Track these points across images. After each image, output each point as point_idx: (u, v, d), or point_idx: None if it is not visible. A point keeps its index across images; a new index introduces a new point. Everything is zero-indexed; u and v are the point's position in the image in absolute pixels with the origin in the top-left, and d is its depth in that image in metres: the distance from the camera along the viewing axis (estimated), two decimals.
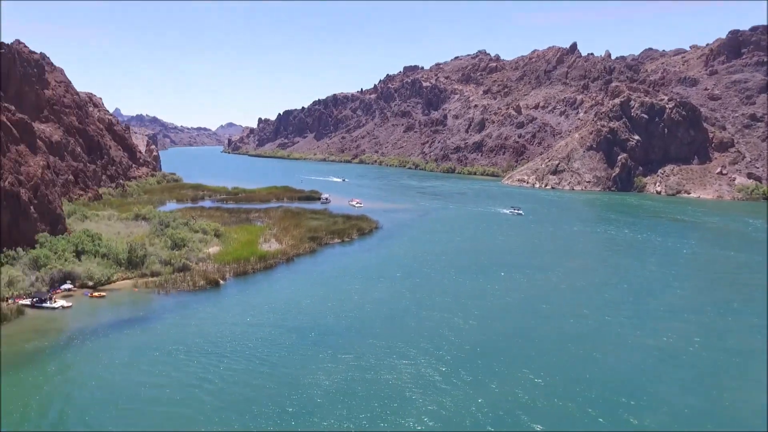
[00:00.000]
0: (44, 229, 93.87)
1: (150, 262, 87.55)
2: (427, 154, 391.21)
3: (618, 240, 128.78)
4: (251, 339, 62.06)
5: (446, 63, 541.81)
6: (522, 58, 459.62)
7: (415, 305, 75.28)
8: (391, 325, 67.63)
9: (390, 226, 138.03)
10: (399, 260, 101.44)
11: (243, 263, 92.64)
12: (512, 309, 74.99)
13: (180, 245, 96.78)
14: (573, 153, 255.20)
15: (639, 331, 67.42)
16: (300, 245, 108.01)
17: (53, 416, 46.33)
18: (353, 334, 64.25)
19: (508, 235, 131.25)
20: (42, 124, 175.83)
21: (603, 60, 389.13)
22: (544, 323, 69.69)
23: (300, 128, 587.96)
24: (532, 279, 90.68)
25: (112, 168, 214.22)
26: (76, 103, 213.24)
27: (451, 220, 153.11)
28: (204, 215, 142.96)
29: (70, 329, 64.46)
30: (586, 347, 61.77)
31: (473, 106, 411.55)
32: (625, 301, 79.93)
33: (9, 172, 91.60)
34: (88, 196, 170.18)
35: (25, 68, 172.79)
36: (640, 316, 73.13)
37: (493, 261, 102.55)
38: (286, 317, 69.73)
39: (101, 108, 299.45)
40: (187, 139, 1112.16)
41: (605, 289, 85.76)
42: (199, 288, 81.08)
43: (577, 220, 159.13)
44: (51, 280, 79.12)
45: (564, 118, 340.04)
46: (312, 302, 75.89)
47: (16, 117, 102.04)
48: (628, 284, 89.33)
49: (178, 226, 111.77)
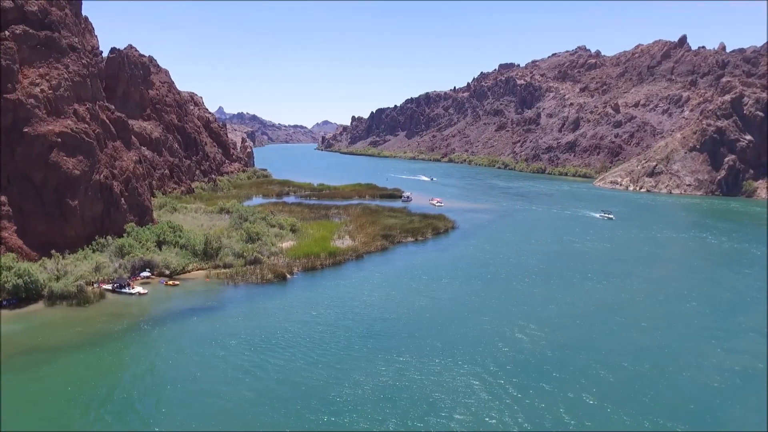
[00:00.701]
0: (133, 219, 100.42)
1: (224, 254, 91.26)
2: (517, 154, 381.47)
3: (712, 249, 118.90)
4: (306, 335, 62.88)
5: (542, 60, 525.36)
6: (624, 54, 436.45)
7: (477, 310, 73.19)
8: (449, 329, 66.11)
9: (467, 226, 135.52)
10: (470, 262, 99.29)
11: (313, 258, 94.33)
12: (581, 318, 71.03)
13: (254, 239, 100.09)
14: (673, 154, 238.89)
15: (719, 350, 61.65)
16: (372, 243, 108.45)
17: (94, 397, 49.07)
18: (409, 337, 63.41)
19: (591, 239, 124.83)
20: (144, 122, 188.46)
21: (715, 53, 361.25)
22: (611, 336, 65.39)
23: (392, 126, 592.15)
24: (610, 287, 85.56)
25: (206, 163, 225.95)
26: (177, 102, 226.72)
27: (533, 222, 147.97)
28: (285, 210, 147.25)
29: (143, 315, 68.33)
30: (653, 365, 57.24)
31: (568, 105, 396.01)
32: (708, 316, 73.44)
33: (105, 166, 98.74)
34: (181, 189, 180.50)
35: (132, 71, 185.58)
36: (723, 334, 66.88)
37: (569, 266, 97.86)
38: (346, 315, 70.08)
39: (201, 106, 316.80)
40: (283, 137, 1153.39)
41: (687, 301, 79.26)
42: (267, 281, 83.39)
43: (670, 225, 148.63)
44: (132, 267, 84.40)
45: (667, 116, 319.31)
46: (374, 301, 75.84)
47: (115, 115, 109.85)
48: (714, 297, 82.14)
49: (255, 220, 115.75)
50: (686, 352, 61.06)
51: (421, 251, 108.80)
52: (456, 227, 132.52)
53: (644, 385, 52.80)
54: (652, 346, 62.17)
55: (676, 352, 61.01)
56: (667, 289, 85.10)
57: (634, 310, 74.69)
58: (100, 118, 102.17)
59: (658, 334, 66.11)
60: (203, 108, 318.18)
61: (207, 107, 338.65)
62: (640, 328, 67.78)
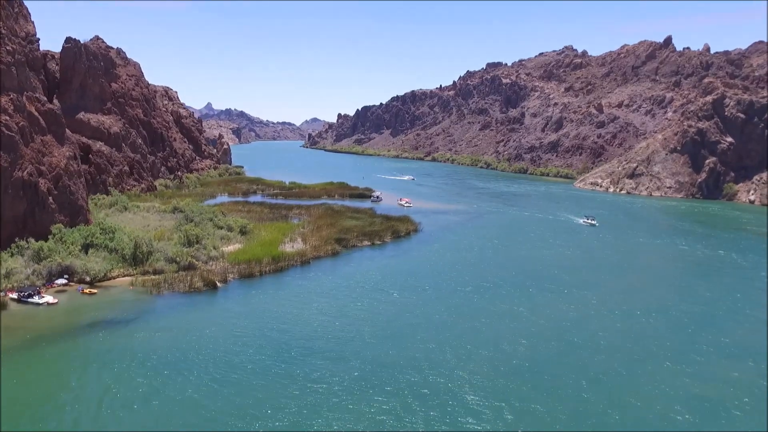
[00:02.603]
0: (63, 220, 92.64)
1: (154, 259, 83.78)
2: (500, 153, 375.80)
3: (688, 256, 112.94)
4: (213, 356, 55.66)
5: (529, 59, 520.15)
6: (609, 54, 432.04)
7: (417, 326, 66.28)
8: (375, 350, 59.15)
9: (433, 229, 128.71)
10: (425, 270, 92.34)
11: (253, 264, 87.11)
12: (534, 337, 64.32)
13: (193, 242, 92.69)
14: (654, 155, 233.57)
15: (684, 376, 55.11)
16: (323, 247, 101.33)
17: None
18: (326, 359, 56.43)
19: (561, 245, 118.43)
20: (104, 115, 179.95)
21: (700, 54, 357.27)
22: (564, 358, 58.73)
23: (377, 124, 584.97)
24: (572, 299, 79.01)
25: (173, 160, 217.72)
26: (144, 96, 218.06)
27: (503, 225, 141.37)
28: (244, 210, 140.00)
29: (39, 329, 60.76)
30: (606, 393, 50.68)
31: (553, 104, 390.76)
32: (676, 334, 67.08)
33: (29, 161, 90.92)
34: (141, 187, 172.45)
35: (91, 62, 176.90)
36: (690, 355, 60.53)
37: (532, 275, 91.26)
38: (266, 331, 62.78)
39: (175, 101, 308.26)
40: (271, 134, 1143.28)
41: (655, 316, 72.89)
42: (195, 290, 75.99)
43: (648, 230, 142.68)
44: (48, 273, 76.78)
45: (650, 117, 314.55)
46: (303, 314, 68.73)
47: (46, 107, 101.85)
48: (686, 312, 75.73)
49: (202, 221, 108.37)
50: (647, 378, 54.38)
51: (376, 257, 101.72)
52: (420, 230, 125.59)
53: (592, 418, 46.18)
54: (608, 371, 55.56)
55: (635, 378, 54.38)
56: (635, 302, 78.64)
57: (595, 326, 68.18)
58: (27, 110, 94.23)
59: (618, 355, 59.52)
60: (178, 103, 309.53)
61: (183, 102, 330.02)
62: (598, 348, 61.24)
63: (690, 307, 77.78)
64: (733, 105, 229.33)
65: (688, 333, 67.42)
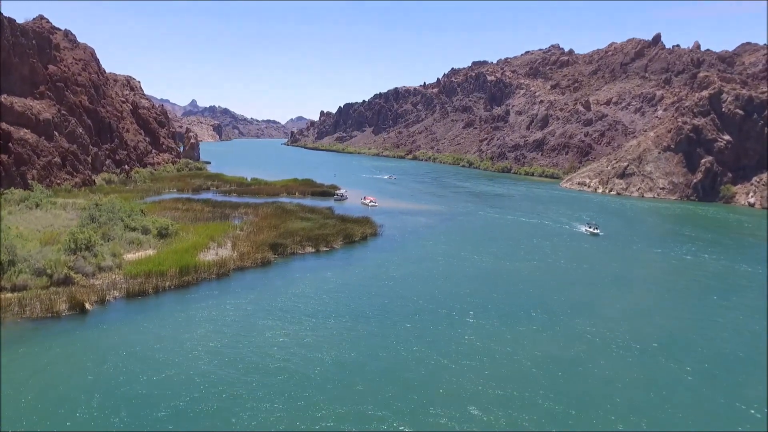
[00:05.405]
0: None
1: (17, 271, 64.25)
2: (483, 152, 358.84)
3: (697, 269, 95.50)
4: (38, 409, 36.73)
5: (515, 57, 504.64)
6: (597, 52, 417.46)
7: (335, 378, 47.69)
8: (268, 413, 40.58)
9: (393, 233, 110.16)
10: (375, 287, 73.33)
11: (153, 278, 68.00)
12: (514, 389, 46.03)
13: (81, 248, 73.19)
14: (646, 154, 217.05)
15: None
16: (253, 255, 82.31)
17: None
18: (207, 416, 37.76)
19: (544, 254, 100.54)
20: (35, 100, 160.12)
21: (690, 52, 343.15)
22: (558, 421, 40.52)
23: (359, 122, 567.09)
24: (560, 329, 60.80)
25: (122, 152, 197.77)
26: (93, 82, 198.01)
27: (479, 230, 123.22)
28: (183, 208, 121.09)
29: None
30: None
31: (538, 102, 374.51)
32: (700, 378, 49.11)
33: None
34: (75, 181, 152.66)
35: (17, 38, 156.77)
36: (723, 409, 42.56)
37: (511, 295, 72.91)
38: (131, 377, 44.00)
39: (137, 91, 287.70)
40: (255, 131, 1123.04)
41: (671, 353, 54.88)
42: (56, 314, 56.63)
43: (644, 235, 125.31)
44: None
45: (639, 115, 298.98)
46: (191, 351, 49.73)
47: None
48: (708, 347, 57.89)
49: (110, 220, 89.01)
50: None
51: (318, 267, 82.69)
52: (379, 234, 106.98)
53: None
54: None
55: None
56: (642, 333, 60.53)
57: (603, 371, 49.98)
58: None
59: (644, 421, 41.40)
60: (139, 93, 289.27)
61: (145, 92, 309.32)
62: (614, 407, 43.07)
63: (720, 345, 59.83)
64: (731, 100, 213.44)
65: (717, 377, 49.48)
